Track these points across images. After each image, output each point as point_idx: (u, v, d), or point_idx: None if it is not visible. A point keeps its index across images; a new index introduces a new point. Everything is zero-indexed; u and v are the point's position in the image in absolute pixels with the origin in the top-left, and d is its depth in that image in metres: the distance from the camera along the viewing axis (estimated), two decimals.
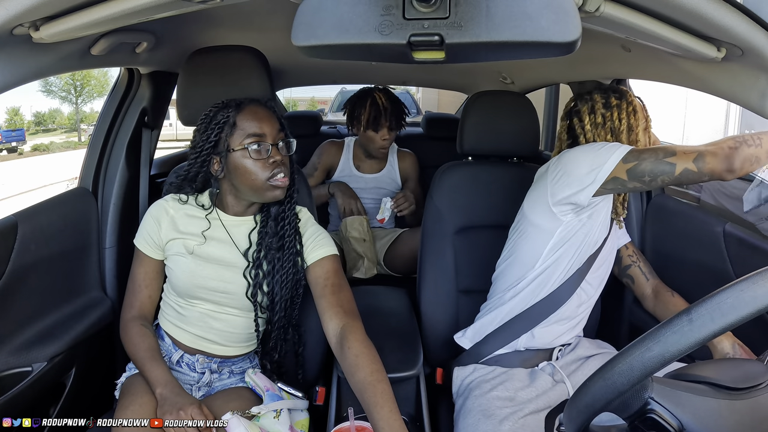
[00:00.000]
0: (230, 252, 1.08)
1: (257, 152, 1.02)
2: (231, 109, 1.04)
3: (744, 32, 0.73)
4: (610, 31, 0.81)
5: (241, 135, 1.02)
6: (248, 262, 1.07)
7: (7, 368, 1.02)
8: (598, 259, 1.16)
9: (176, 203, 1.11)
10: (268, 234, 1.08)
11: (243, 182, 1.04)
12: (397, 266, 1.99)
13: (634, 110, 1.15)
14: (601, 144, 1.08)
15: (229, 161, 1.03)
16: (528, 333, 1.15)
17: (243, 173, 1.03)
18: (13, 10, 0.71)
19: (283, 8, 1.04)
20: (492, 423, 0.99)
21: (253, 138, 1.02)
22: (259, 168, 1.02)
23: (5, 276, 1.03)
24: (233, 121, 1.03)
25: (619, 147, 1.04)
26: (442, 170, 1.42)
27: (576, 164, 1.08)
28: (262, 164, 1.02)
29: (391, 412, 0.87)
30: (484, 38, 0.56)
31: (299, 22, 0.59)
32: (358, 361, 0.94)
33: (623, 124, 1.14)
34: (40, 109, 25.24)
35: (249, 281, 1.06)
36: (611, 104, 1.15)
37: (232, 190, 1.08)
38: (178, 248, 1.07)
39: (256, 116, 1.04)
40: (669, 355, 0.49)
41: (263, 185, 1.03)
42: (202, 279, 1.06)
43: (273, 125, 1.05)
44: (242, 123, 1.03)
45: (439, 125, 2.71)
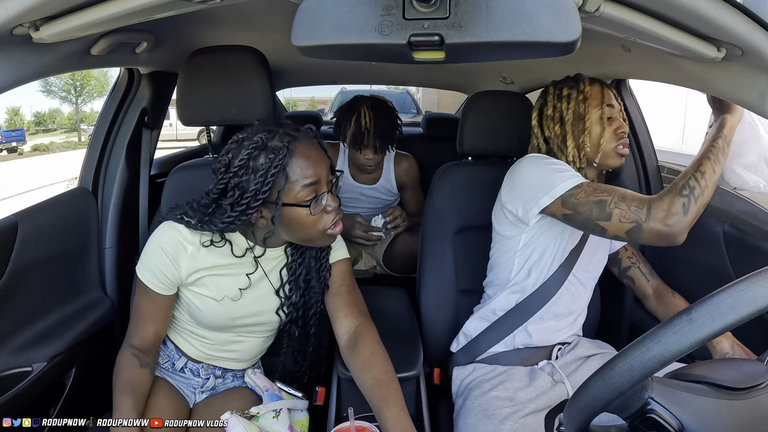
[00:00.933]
0: (263, 288, 1.03)
1: (316, 205, 0.90)
2: (283, 151, 0.87)
3: (744, 32, 0.73)
4: (610, 31, 0.81)
5: (296, 185, 0.89)
6: (280, 299, 1.04)
7: (7, 368, 1.02)
8: (584, 254, 1.15)
9: (193, 239, 0.95)
10: (301, 268, 1.03)
11: (296, 234, 0.94)
12: (397, 266, 1.99)
13: (585, 98, 1.11)
14: (551, 168, 1.04)
15: (281, 214, 0.90)
16: (523, 331, 1.15)
17: (298, 227, 0.92)
18: (13, 10, 0.71)
19: (283, 8, 1.04)
20: (493, 423, 0.99)
21: (309, 189, 0.89)
22: (317, 220, 0.91)
23: (5, 276, 1.03)
24: (284, 169, 0.88)
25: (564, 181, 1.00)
26: (442, 170, 1.42)
27: (523, 183, 1.08)
28: (323, 216, 0.92)
29: (402, 412, 0.87)
30: (484, 38, 0.56)
31: (299, 22, 0.59)
32: (373, 359, 0.94)
33: (570, 113, 1.12)
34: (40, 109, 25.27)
35: (282, 316, 1.05)
36: (563, 95, 1.14)
37: (277, 233, 0.95)
38: (203, 288, 0.98)
39: (311, 160, 0.90)
40: (669, 355, 0.49)
41: (320, 236, 0.93)
42: (235, 320, 1.02)
43: (325, 166, 0.92)
44: (296, 169, 0.89)
45: (439, 125, 2.71)
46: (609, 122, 1.11)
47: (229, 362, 1.10)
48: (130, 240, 1.45)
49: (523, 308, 1.15)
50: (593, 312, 1.32)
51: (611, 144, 1.11)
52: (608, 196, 0.96)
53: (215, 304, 0.98)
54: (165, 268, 0.94)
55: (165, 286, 0.96)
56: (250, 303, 1.02)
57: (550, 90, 1.17)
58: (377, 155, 1.84)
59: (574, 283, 1.17)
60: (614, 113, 1.12)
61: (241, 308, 1.01)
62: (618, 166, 1.13)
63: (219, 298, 0.98)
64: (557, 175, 1.02)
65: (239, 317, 1.02)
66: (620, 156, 1.12)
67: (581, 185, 1.00)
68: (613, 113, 1.12)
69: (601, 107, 1.11)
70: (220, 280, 0.98)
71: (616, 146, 1.11)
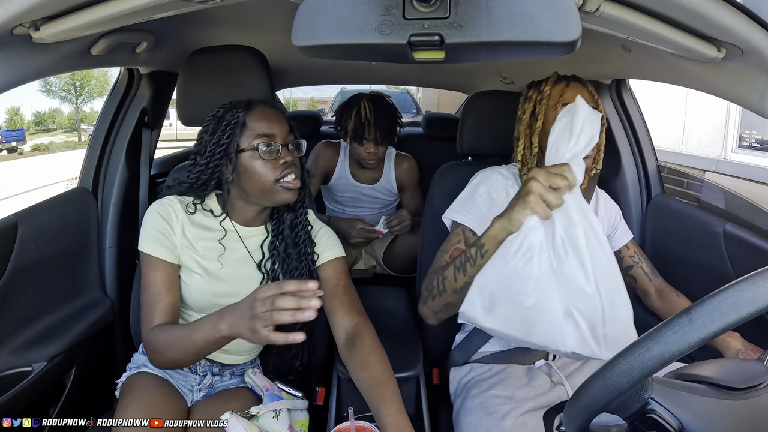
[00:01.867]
0: (246, 266, 1.06)
1: (267, 153, 0.98)
2: (240, 109, 1.01)
3: (744, 32, 0.73)
4: (610, 31, 0.81)
5: (250, 135, 0.99)
6: (263, 274, 1.06)
7: (7, 368, 1.02)
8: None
9: (181, 207, 1.03)
10: (282, 243, 1.07)
11: (253, 185, 1.00)
12: (397, 266, 1.99)
13: (541, 98, 1.10)
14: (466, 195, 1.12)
15: (238, 163, 1.00)
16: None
17: (253, 175, 0.99)
18: (13, 9, 0.71)
19: (283, 8, 1.03)
20: (493, 420, 0.99)
21: (262, 138, 0.99)
22: (269, 169, 0.98)
23: (5, 276, 1.03)
24: (243, 121, 1.00)
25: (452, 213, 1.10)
26: (442, 170, 1.42)
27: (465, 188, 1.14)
28: (272, 165, 0.99)
29: (400, 410, 0.88)
30: (484, 38, 0.56)
31: (299, 22, 0.59)
32: (371, 358, 0.95)
33: (527, 114, 1.12)
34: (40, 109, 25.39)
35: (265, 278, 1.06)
36: (527, 95, 1.14)
37: (242, 195, 1.04)
38: (191, 262, 1.02)
39: (266, 116, 1.01)
40: (669, 355, 0.49)
41: (273, 187, 0.99)
42: (219, 297, 1.03)
43: (282, 126, 1.02)
44: (252, 123, 1.00)
45: (439, 125, 2.71)
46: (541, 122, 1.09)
47: (220, 354, 1.09)
48: (130, 240, 1.44)
49: None
50: None
51: None
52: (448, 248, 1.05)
53: (199, 279, 1.02)
54: (164, 230, 1.00)
55: (167, 250, 0.99)
56: (234, 280, 1.04)
57: (523, 92, 1.18)
58: (379, 147, 1.85)
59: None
60: None
61: (224, 284, 1.03)
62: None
63: (203, 271, 1.02)
64: (456, 203, 1.11)
65: (223, 294, 1.02)
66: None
67: (458, 225, 1.08)
68: None
69: (556, 107, 1.07)
70: (204, 253, 1.03)
71: None
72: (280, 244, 1.07)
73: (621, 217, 1.27)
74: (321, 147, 2.01)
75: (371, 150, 1.84)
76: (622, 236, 1.27)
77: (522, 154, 1.13)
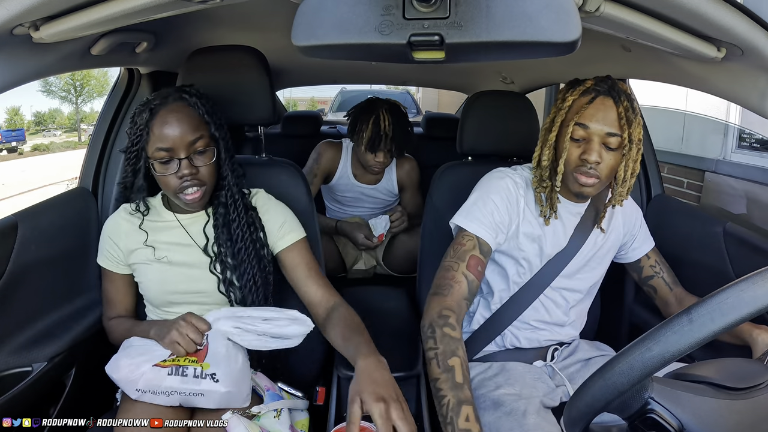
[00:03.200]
0: (192, 251, 1.08)
1: (164, 167, 0.98)
2: (147, 111, 0.98)
3: (744, 32, 0.73)
4: (610, 31, 0.81)
5: (152, 144, 0.98)
6: (210, 257, 1.07)
7: (7, 368, 1.02)
8: (568, 268, 1.12)
9: (128, 214, 1.10)
10: (222, 225, 1.07)
11: (162, 188, 1.04)
12: (397, 266, 1.99)
13: (559, 109, 1.03)
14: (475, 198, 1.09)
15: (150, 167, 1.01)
16: (509, 334, 1.15)
17: (159, 181, 1.01)
18: (13, 9, 0.71)
19: (283, 8, 1.03)
20: (514, 418, 0.97)
21: (159, 152, 0.97)
22: (169, 181, 0.99)
23: (5, 276, 1.02)
24: (148, 127, 0.98)
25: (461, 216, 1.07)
26: (442, 170, 1.42)
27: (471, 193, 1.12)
28: (170, 179, 0.99)
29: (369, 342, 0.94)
30: (485, 38, 0.56)
31: (299, 22, 0.59)
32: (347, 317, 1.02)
33: (548, 121, 1.05)
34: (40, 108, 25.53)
35: (217, 276, 1.07)
36: (557, 98, 1.06)
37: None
38: (141, 258, 1.08)
39: (167, 124, 0.97)
40: (669, 355, 0.49)
41: (176, 196, 1.01)
42: (173, 284, 1.07)
43: (185, 135, 0.97)
44: (154, 130, 0.97)
45: (439, 125, 2.71)
46: (574, 143, 1.00)
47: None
48: None
49: (498, 318, 1.15)
50: (593, 312, 1.31)
51: (569, 167, 1.01)
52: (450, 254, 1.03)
53: (151, 270, 1.07)
54: (108, 247, 1.10)
55: (114, 264, 1.11)
56: (184, 266, 1.07)
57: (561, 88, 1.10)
58: (390, 159, 1.88)
59: (565, 296, 1.15)
60: (588, 136, 0.98)
61: (174, 272, 1.07)
62: (577, 192, 1.03)
63: (155, 265, 1.07)
64: (471, 211, 1.07)
65: (176, 281, 1.07)
66: (579, 185, 1.01)
67: (464, 230, 1.05)
68: (588, 136, 0.98)
69: (571, 124, 0.99)
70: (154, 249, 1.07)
71: (574, 171, 1.00)
72: (221, 226, 1.07)
73: (643, 225, 1.22)
74: (323, 147, 2.01)
75: (381, 160, 1.86)
76: (641, 245, 1.21)
77: (535, 162, 1.08)
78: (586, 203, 1.13)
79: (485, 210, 1.06)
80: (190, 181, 0.99)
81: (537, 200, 1.10)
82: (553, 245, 1.11)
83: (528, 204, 1.10)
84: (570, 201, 1.11)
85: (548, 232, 1.10)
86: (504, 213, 1.07)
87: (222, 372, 0.94)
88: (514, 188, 1.09)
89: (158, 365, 0.94)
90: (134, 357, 0.96)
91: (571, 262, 1.12)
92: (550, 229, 1.10)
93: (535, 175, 1.09)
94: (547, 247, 1.11)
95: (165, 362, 0.94)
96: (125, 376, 0.94)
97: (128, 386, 0.95)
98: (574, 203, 1.11)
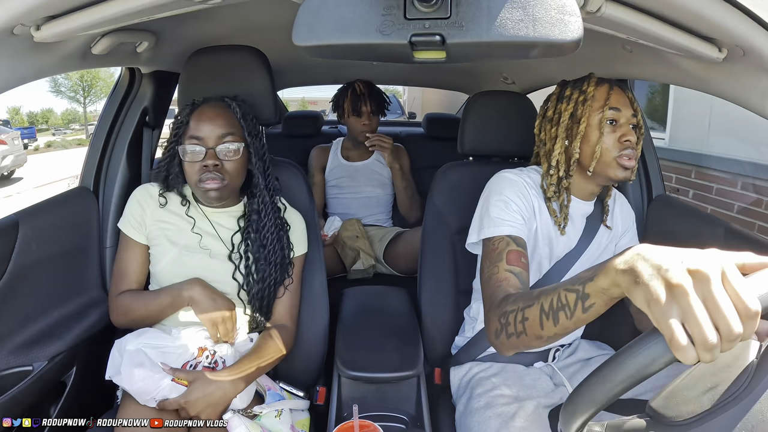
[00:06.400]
0: (215, 241, 1.12)
1: (189, 154, 1.05)
2: (189, 108, 1.08)
3: (745, 33, 0.73)
4: (611, 31, 0.81)
5: (187, 134, 1.06)
6: (231, 246, 1.12)
7: (7, 367, 1.02)
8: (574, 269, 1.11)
9: (157, 191, 1.14)
10: (254, 231, 1.11)
11: (186, 179, 1.09)
12: (400, 265, 1.99)
13: (585, 99, 1.01)
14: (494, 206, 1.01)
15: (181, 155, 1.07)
16: None
17: (185, 170, 1.07)
18: (14, 9, 0.71)
19: (284, 8, 1.03)
20: (502, 420, 0.98)
21: (190, 140, 1.05)
22: (192, 169, 1.05)
23: (6, 275, 1.03)
24: (187, 120, 1.07)
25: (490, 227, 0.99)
26: (443, 170, 1.42)
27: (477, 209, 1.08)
28: (193, 167, 1.05)
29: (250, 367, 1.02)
30: (486, 38, 0.56)
31: (300, 22, 0.59)
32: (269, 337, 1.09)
33: (566, 115, 1.02)
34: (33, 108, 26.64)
35: (234, 264, 1.10)
36: (564, 95, 1.05)
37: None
38: (162, 237, 1.10)
39: (202, 117, 1.06)
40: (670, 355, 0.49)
41: (196, 186, 1.06)
42: (191, 269, 1.09)
43: (216, 128, 1.05)
44: (191, 123, 1.06)
45: (440, 125, 2.71)
46: (611, 128, 1.01)
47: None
48: None
49: None
50: None
51: (611, 153, 1.00)
52: (487, 267, 0.94)
53: (170, 251, 1.10)
54: (134, 211, 1.12)
55: (136, 231, 1.12)
56: (204, 254, 1.10)
57: (555, 90, 1.10)
58: (373, 118, 2.11)
59: None
60: (620, 118, 1.01)
61: (194, 258, 1.10)
62: (622, 179, 1.01)
63: (174, 248, 1.10)
64: (492, 217, 1.00)
65: (194, 266, 1.10)
66: (623, 168, 1.00)
67: (491, 239, 0.98)
68: (619, 118, 1.01)
69: (603, 110, 1.00)
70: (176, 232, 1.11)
71: (618, 156, 1.00)
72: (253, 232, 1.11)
73: (634, 225, 1.23)
74: (312, 152, 2.26)
75: (367, 121, 2.09)
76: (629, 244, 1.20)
77: (558, 160, 1.05)
78: (593, 201, 1.13)
79: (506, 209, 1.01)
80: (212, 172, 1.04)
81: (550, 211, 1.08)
82: (564, 246, 1.11)
83: (542, 205, 1.08)
84: (580, 200, 1.10)
85: (555, 232, 1.10)
86: (525, 208, 1.04)
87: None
88: (527, 188, 1.06)
89: (176, 382, 0.97)
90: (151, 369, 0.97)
91: (577, 263, 1.11)
92: (556, 229, 1.10)
93: (549, 180, 1.06)
94: (557, 248, 1.10)
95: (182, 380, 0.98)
96: (141, 388, 0.96)
97: (142, 396, 0.97)
98: (584, 202, 1.11)
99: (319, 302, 1.25)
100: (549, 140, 1.07)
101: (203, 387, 0.96)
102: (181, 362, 1.02)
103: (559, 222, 1.08)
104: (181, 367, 1.01)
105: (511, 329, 0.74)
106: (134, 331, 1.05)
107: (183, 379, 0.97)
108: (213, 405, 0.96)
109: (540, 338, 0.70)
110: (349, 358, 1.14)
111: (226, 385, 0.97)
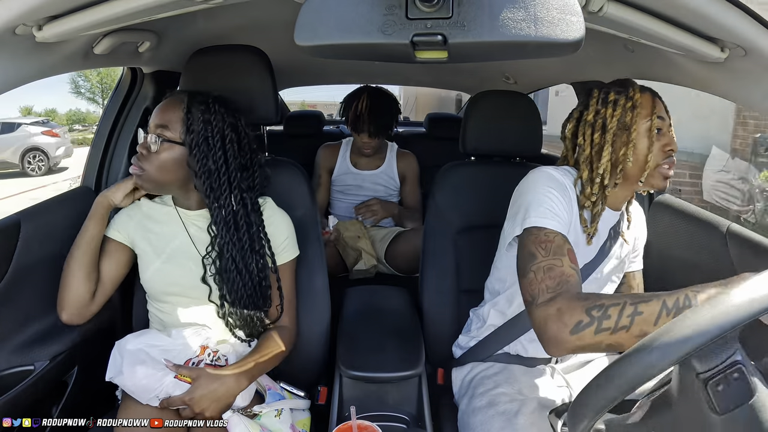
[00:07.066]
0: (190, 247, 1.09)
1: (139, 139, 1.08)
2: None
3: (747, 33, 0.73)
4: (613, 31, 0.81)
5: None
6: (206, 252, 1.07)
7: (9, 366, 1.02)
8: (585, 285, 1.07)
9: (147, 200, 1.15)
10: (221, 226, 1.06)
11: None
12: (401, 265, 2.00)
13: (633, 106, 0.97)
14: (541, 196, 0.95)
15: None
16: (518, 343, 1.14)
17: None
18: (15, 9, 0.71)
19: (286, 8, 1.04)
20: (505, 418, 0.98)
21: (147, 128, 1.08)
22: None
23: (8, 274, 1.03)
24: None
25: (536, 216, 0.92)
26: (445, 170, 1.42)
27: (518, 203, 0.99)
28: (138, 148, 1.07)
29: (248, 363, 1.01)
30: (487, 38, 0.56)
31: (302, 21, 0.59)
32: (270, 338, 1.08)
33: (614, 121, 0.98)
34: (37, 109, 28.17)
35: (205, 268, 1.07)
36: (609, 99, 1.00)
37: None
38: (146, 247, 1.10)
39: (158, 107, 1.07)
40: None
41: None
42: (176, 277, 1.08)
43: (154, 118, 1.06)
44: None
45: (442, 125, 2.72)
46: (658, 136, 0.98)
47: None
48: None
49: (509, 328, 1.12)
50: None
51: (657, 161, 0.97)
52: (542, 255, 0.87)
53: (153, 263, 1.09)
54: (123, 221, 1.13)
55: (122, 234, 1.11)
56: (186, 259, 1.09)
57: (594, 93, 1.02)
58: (372, 139, 2.02)
59: None
60: (665, 127, 0.99)
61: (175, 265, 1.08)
62: (661, 188, 0.99)
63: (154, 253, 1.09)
64: (544, 208, 0.94)
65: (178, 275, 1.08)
66: (664, 177, 0.98)
67: (542, 229, 0.91)
68: (664, 127, 0.98)
69: (651, 118, 0.97)
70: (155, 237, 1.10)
71: (661, 165, 0.98)
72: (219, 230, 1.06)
73: (644, 240, 1.21)
74: (320, 149, 2.19)
75: (365, 140, 2.03)
76: (636, 260, 1.20)
77: (605, 168, 0.99)
78: (620, 211, 1.08)
79: (555, 205, 0.95)
80: (137, 158, 1.06)
81: (581, 220, 1.03)
82: (584, 255, 1.05)
83: (575, 211, 1.03)
84: (611, 209, 1.06)
85: (582, 241, 1.05)
86: (567, 212, 0.97)
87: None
88: (569, 191, 1.00)
89: (179, 379, 0.97)
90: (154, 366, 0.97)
91: (593, 275, 1.07)
92: (583, 239, 1.05)
93: (591, 188, 1.01)
94: (579, 258, 1.01)
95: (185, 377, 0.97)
96: (144, 386, 0.96)
97: (144, 394, 0.96)
98: (612, 212, 1.06)
99: (321, 302, 1.24)
100: (590, 146, 1.01)
101: (207, 384, 0.95)
102: (183, 360, 1.02)
103: (589, 231, 1.03)
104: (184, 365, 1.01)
105: (609, 323, 0.71)
106: (134, 332, 1.05)
107: (186, 376, 0.96)
108: (217, 401, 0.95)
109: (639, 337, 0.68)
110: (351, 358, 1.14)
111: (230, 382, 0.97)
